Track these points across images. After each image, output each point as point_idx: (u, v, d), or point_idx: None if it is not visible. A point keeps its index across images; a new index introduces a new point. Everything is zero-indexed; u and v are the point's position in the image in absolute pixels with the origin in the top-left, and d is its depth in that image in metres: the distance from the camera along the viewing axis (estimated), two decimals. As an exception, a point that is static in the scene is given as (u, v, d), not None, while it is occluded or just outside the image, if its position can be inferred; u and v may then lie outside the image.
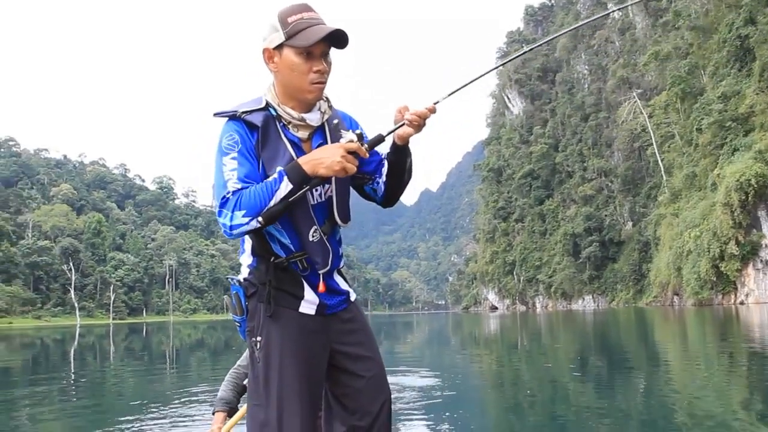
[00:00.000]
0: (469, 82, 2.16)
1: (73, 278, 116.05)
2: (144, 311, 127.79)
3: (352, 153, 2.02)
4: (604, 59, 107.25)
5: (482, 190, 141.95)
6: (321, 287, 2.18)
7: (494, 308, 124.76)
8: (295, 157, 2.09)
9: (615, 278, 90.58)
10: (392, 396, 2.38)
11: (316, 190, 2.16)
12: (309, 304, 2.19)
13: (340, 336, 2.26)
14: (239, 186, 2.01)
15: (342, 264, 2.34)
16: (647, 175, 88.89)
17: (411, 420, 5.73)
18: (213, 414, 4.31)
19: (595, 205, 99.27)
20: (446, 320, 57.09)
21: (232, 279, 2.27)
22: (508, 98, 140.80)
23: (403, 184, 2.33)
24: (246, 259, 2.26)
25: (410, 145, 2.26)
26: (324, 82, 2.11)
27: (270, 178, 2.01)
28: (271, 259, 2.16)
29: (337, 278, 2.32)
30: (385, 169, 2.31)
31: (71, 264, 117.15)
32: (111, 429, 5.80)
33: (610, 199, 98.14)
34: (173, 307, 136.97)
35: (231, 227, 1.99)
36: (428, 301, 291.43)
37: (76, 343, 27.72)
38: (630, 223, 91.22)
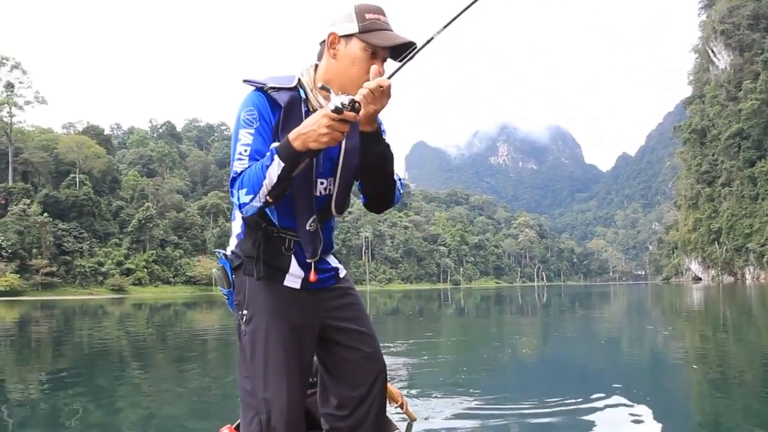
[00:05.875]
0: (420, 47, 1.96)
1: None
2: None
3: (342, 121, 1.87)
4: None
5: (683, 153, 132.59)
6: (312, 277, 2.20)
7: (697, 279, 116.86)
8: None
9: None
10: (587, 369, 2.51)
11: (322, 184, 2.17)
12: (294, 278, 2.20)
13: (331, 311, 2.27)
14: (246, 165, 2.02)
15: (333, 249, 2.38)
16: None
17: (607, 396, 5.53)
18: None
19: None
20: (645, 292, 54.73)
21: (219, 252, 2.30)
22: (713, 52, 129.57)
23: (379, 185, 2.22)
24: (235, 227, 2.28)
25: (384, 135, 2.15)
26: None
27: (265, 157, 1.98)
28: (263, 225, 2.17)
29: (327, 257, 2.35)
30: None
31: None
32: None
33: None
34: (369, 276, 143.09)
35: (240, 206, 2.01)
36: (626, 271, 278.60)
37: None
38: None
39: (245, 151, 2.05)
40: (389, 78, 1.94)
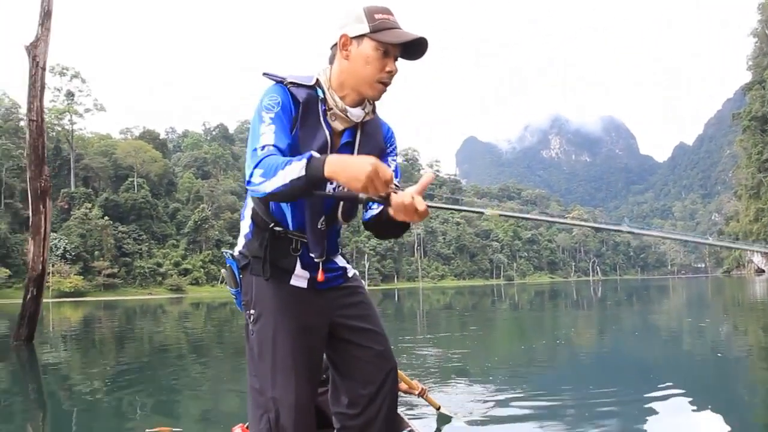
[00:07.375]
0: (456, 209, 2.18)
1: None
2: (396, 278, 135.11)
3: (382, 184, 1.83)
4: None
5: (743, 141, 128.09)
6: (320, 276, 2.23)
7: (760, 271, 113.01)
8: (329, 145, 2.13)
9: None
10: (648, 367, 2.34)
11: (331, 183, 2.12)
12: (300, 278, 2.24)
13: (341, 309, 2.30)
14: (270, 143, 2.01)
15: (339, 252, 2.41)
16: None
17: (667, 394, 5.41)
18: None
19: None
20: (705, 285, 53.39)
21: (226, 253, 2.33)
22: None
23: (386, 236, 2.31)
24: (244, 227, 2.30)
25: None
26: (388, 84, 2.16)
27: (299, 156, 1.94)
28: (271, 225, 2.19)
29: (334, 257, 2.38)
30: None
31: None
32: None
33: None
34: (422, 273, 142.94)
35: (248, 182, 1.97)
36: (685, 264, 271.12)
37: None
38: None
39: (269, 131, 2.02)
40: (427, 207, 1.92)
